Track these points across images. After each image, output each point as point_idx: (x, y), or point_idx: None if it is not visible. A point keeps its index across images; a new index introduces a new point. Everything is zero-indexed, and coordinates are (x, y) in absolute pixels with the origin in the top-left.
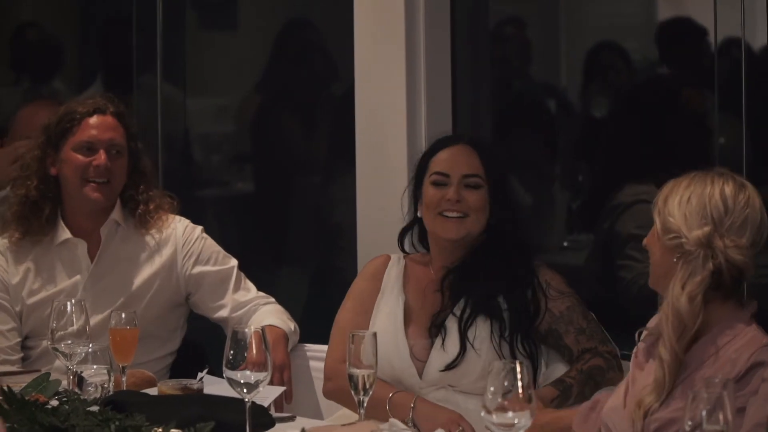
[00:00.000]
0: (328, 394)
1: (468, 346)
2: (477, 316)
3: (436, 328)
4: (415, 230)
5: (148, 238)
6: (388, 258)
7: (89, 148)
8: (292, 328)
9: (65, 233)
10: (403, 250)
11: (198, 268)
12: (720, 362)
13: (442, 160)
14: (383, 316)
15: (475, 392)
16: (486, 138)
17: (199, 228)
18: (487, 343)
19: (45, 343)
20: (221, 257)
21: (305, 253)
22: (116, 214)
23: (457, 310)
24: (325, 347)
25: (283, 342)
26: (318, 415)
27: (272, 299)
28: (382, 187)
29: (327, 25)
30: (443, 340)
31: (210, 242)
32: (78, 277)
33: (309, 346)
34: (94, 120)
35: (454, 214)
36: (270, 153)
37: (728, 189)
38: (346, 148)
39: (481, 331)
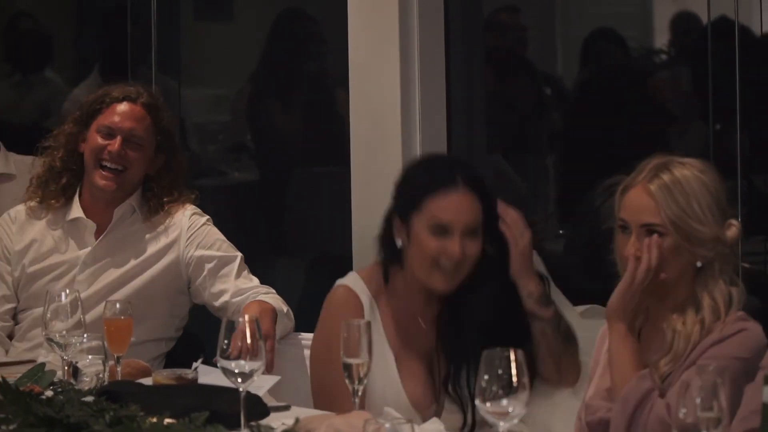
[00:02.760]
0: None
1: None
2: None
3: (442, 394)
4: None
5: (156, 223)
6: (357, 301)
7: (108, 133)
8: (285, 311)
9: (78, 211)
10: (386, 276)
11: (200, 252)
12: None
13: (442, 208)
14: (375, 378)
15: None
16: (478, 173)
17: (207, 217)
18: None
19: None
20: (225, 246)
21: (302, 243)
22: (134, 199)
23: (464, 378)
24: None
25: (270, 315)
26: (310, 403)
27: (273, 290)
28: (376, 177)
29: (321, 15)
30: (463, 411)
31: (215, 230)
32: (81, 252)
33: (304, 335)
34: (121, 107)
35: (451, 266)
36: (266, 143)
37: None
38: (341, 137)
39: None
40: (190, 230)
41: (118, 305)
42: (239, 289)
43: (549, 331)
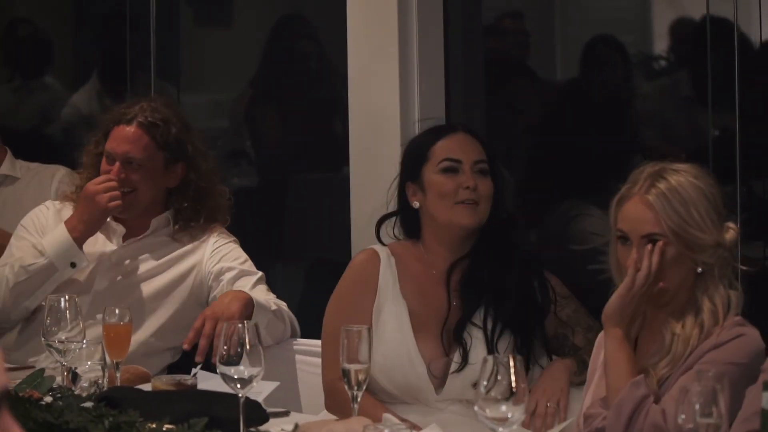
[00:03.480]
0: (330, 410)
1: None
2: (504, 330)
3: (454, 340)
4: (392, 221)
5: (184, 237)
6: (376, 255)
7: (109, 157)
8: (272, 307)
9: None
10: (380, 240)
11: (222, 264)
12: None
13: (449, 148)
14: (387, 326)
15: None
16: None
17: (233, 238)
18: None
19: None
20: (248, 264)
21: (301, 249)
22: (171, 213)
23: (478, 320)
24: (313, 341)
25: (241, 302)
26: (298, 409)
27: (284, 303)
28: (375, 182)
29: (320, 20)
30: (465, 354)
31: (240, 250)
32: (107, 248)
33: (300, 341)
34: (117, 130)
35: (471, 201)
36: (265, 148)
37: None
38: (340, 143)
39: (504, 343)
40: (215, 244)
41: (117, 311)
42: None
43: None
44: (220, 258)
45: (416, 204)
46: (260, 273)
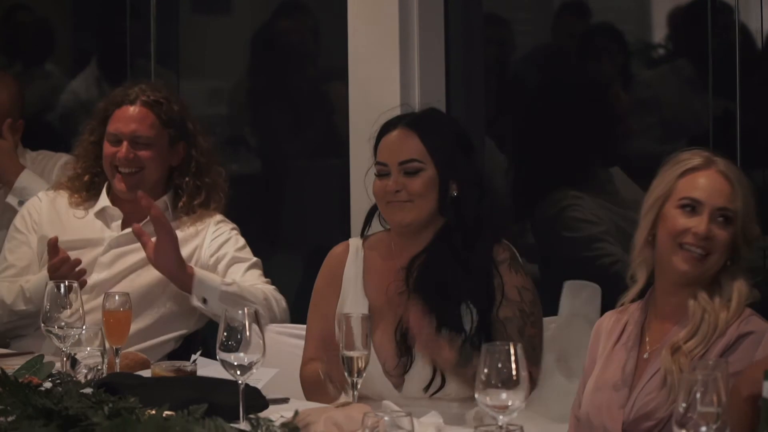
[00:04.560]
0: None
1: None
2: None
3: (404, 346)
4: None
5: (185, 222)
6: (346, 250)
7: (115, 140)
8: (221, 288)
9: (104, 202)
10: (363, 232)
11: (219, 251)
12: None
13: (381, 150)
14: None
15: (459, 397)
16: (435, 115)
17: (233, 225)
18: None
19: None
20: (246, 251)
21: (299, 237)
22: (169, 197)
23: None
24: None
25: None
26: (287, 393)
27: (272, 287)
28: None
29: (320, 7)
30: (412, 361)
31: (239, 237)
32: (106, 234)
33: (298, 326)
34: (121, 111)
35: (397, 201)
36: (264, 135)
37: None
38: (340, 131)
39: None
40: (216, 232)
41: (117, 297)
42: (243, 282)
43: None
44: (218, 245)
45: None
46: (255, 259)
